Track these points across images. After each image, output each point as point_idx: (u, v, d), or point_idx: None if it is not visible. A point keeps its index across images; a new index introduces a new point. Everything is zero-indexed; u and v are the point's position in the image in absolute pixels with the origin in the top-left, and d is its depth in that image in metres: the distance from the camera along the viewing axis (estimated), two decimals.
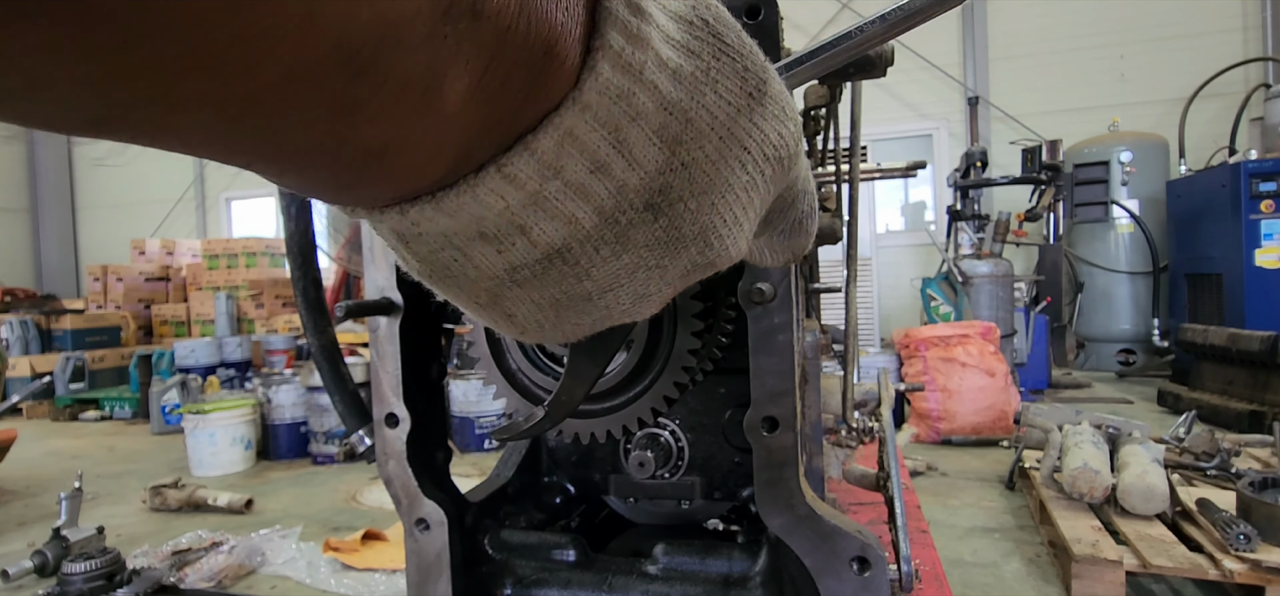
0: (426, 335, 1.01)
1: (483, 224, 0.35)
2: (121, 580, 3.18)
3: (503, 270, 0.37)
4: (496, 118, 0.31)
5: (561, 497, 1.31)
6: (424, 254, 0.37)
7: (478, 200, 0.33)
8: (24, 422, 8.19)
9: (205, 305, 10.86)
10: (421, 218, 0.34)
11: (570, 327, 0.42)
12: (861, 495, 2.36)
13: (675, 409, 1.21)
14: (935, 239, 8.90)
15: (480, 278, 0.38)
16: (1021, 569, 3.36)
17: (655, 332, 0.96)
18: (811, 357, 1.24)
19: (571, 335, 0.43)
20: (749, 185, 0.39)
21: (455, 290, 0.39)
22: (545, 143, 0.32)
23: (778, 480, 0.81)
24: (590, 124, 0.33)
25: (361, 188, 0.33)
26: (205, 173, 14.15)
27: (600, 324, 0.42)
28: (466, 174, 0.33)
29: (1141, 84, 9.41)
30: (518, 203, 0.34)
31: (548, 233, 0.35)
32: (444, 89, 0.28)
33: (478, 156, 0.33)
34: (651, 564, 1.03)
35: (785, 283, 0.78)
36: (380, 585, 3.38)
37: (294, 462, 5.97)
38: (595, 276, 0.38)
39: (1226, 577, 2.78)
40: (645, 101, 0.34)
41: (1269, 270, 6.57)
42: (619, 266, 0.38)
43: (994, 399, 5.56)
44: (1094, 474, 3.36)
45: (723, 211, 0.39)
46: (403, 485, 0.96)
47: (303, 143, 0.27)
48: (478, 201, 0.33)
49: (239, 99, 0.23)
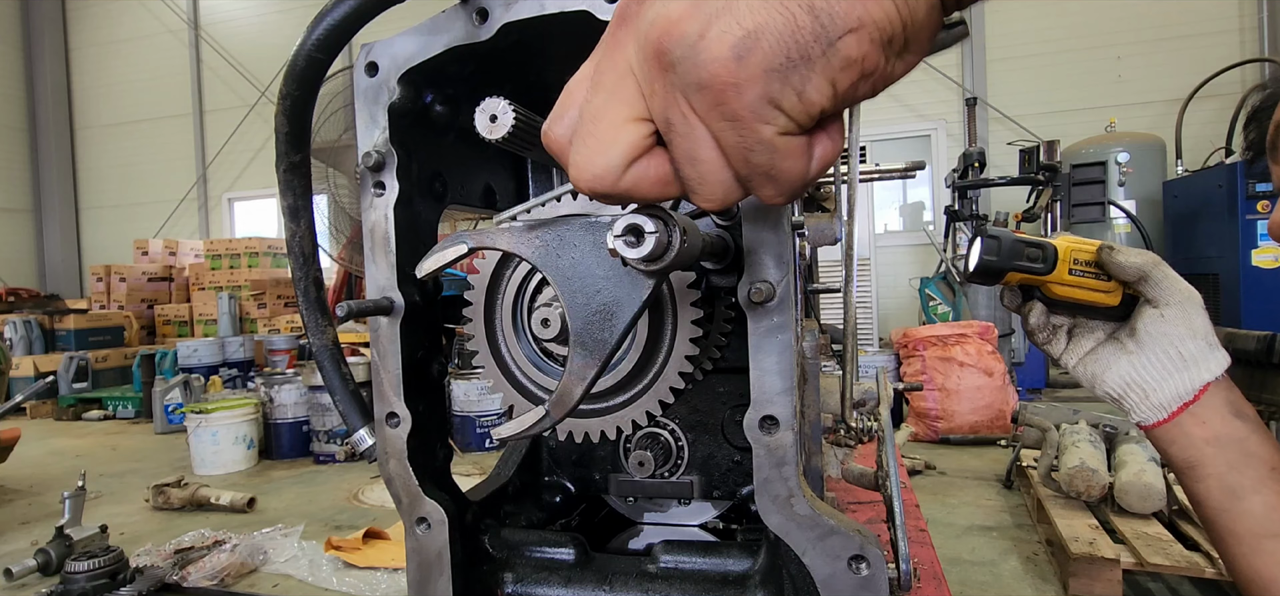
0: (427, 335, 1.02)
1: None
2: (124, 578, 3.19)
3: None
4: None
5: (562, 497, 1.32)
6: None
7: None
8: (27, 422, 8.20)
9: (208, 305, 10.88)
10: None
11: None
12: (860, 494, 2.36)
13: (675, 408, 1.22)
14: (933, 239, 8.91)
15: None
16: (1019, 567, 3.37)
17: (655, 332, 0.97)
18: (811, 357, 1.25)
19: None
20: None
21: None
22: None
23: (777, 479, 0.82)
24: None
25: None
26: (208, 173, 14.17)
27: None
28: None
29: (1138, 85, 9.42)
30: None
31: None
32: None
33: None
34: (651, 563, 1.04)
35: (785, 282, 0.79)
36: (382, 583, 3.40)
37: (296, 461, 5.98)
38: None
39: (1223, 575, 2.79)
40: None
41: (1266, 270, 6.58)
42: None
43: (992, 398, 5.57)
44: (1091, 472, 3.37)
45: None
46: (403, 484, 0.97)
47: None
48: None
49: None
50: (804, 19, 0.39)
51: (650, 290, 0.68)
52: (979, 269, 1.07)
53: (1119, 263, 1.03)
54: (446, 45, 0.88)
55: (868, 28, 0.40)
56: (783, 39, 0.40)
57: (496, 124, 0.67)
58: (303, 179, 1.07)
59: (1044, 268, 1.05)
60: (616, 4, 0.46)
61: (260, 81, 13.33)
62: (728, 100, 0.41)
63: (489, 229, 0.72)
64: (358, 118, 0.93)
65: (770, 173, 0.44)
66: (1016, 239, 1.06)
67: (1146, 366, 1.01)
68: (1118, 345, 1.05)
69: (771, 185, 0.45)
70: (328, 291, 3.09)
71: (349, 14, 0.94)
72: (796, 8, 0.39)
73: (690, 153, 0.44)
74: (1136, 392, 1.02)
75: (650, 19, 0.42)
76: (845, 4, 0.39)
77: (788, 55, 0.40)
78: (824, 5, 0.39)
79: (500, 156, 1.25)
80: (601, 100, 0.46)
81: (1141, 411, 1.02)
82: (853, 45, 0.40)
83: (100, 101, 14.90)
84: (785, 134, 0.43)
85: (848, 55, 0.40)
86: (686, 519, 1.29)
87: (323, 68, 0.99)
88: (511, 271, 1.02)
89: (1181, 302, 1.01)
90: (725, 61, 0.40)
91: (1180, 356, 0.99)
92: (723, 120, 0.42)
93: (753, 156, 0.43)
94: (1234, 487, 0.98)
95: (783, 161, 0.44)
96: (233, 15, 14.04)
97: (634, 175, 0.47)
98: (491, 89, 0.72)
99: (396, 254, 0.93)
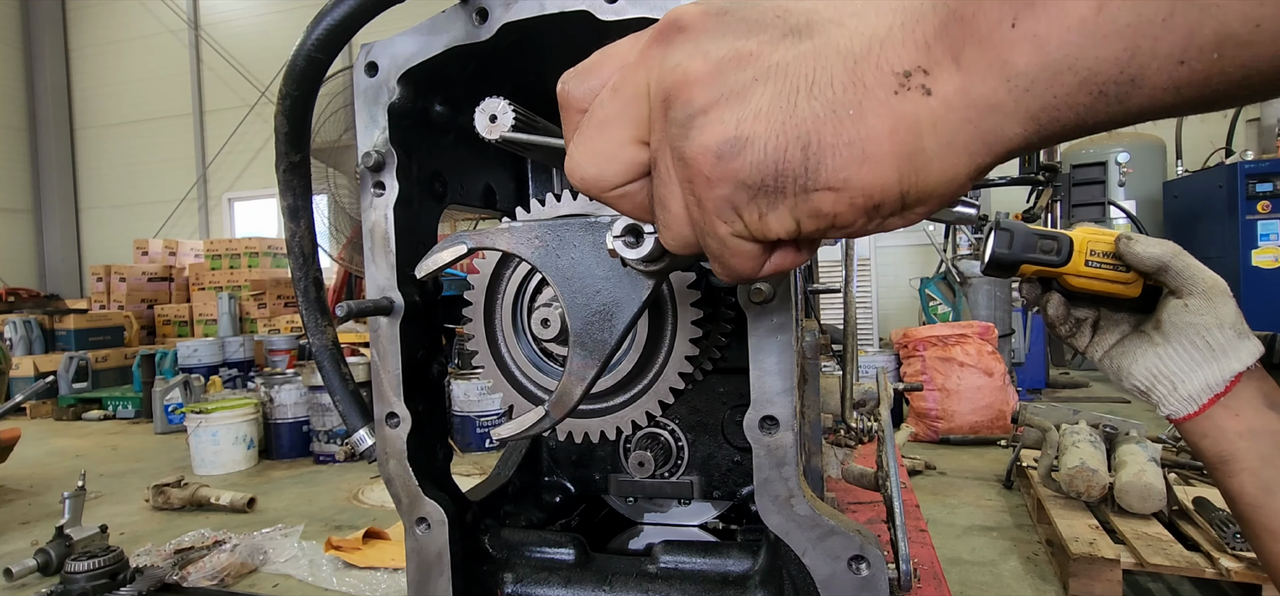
0: (427, 335, 1.02)
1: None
2: (124, 578, 3.19)
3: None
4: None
5: (562, 497, 1.32)
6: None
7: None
8: (27, 422, 8.20)
9: (208, 305, 10.89)
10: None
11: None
12: (860, 494, 2.36)
13: (675, 408, 1.22)
14: (933, 240, 8.91)
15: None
16: (1019, 567, 3.37)
17: (655, 332, 0.97)
18: (811, 357, 1.25)
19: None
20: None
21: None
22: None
23: (777, 479, 0.82)
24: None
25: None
26: (208, 173, 14.17)
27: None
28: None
29: None
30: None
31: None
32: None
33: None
34: (651, 563, 1.04)
35: (785, 283, 0.79)
36: (381, 583, 3.40)
37: (296, 462, 5.98)
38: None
39: (1223, 575, 2.79)
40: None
41: (1266, 270, 6.58)
42: None
43: (992, 398, 5.57)
44: (1091, 473, 3.37)
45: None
46: (403, 484, 0.97)
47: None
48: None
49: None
50: (794, 153, 0.39)
51: (650, 290, 0.68)
52: (992, 262, 1.06)
53: (1137, 253, 1.00)
54: (446, 45, 0.88)
55: (851, 192, 0.39)
56: (765, 161, 0.40)
57: (496, 124, 0.67)
58: (303, 179, 1.07)
59: (1058, 259, 1.04)
60: (665, 13, 0.46)
61: (260, 81, 13.33)
62: (697, 185, 0.42)
63: (489, 229, 0.72)
64: (358, 118, 0.93)
65: (718, 257, 0.46)
66: (1030, 231, 1.04)
67: (1173, 358, 0.98)
68: (1143, 337, 1.02)
69: (718, 264, 0.46)
70: (328, 291, 3.09)
71: (349, 14, 0.94)
72: (792, 138, 0.39)
73: (663, 197, 0.46)
74: (1165, 385, 0.99)
75: (674, 63, 0.43)
76: (838, 159, 0.39)
77: (763, 179, 0.40)
78: (817, 148, 0.39)
79: (500, 156, 1.25)
80: (614, 109, 0.47)
81: (1170, 404, 0.99)
82: (827, 202, 0.40)
83: (100, 101, 14.90)
84: (738, 237, 0.44)
85: (819, 208, 0.40)
86: (686, 519, 1.29)
87: (323, 68, 0.99)
88: (511, 271, 1.02)
89: (1206, 291, 0.98)
90: (706, 151, 0.41)
91: (1208, 346, 0.96)
92: (690, 194, 0.43)
93: (707, 239, 0.45)
94: (1269, 482, 0.94)
95: (731, 257, 0.45)
96: (233, 15, 14.04)
97: (620, 193, 0.48)
98: (491, 89, 0.72)
99: (396, 254, 0.93)
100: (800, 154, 0.39)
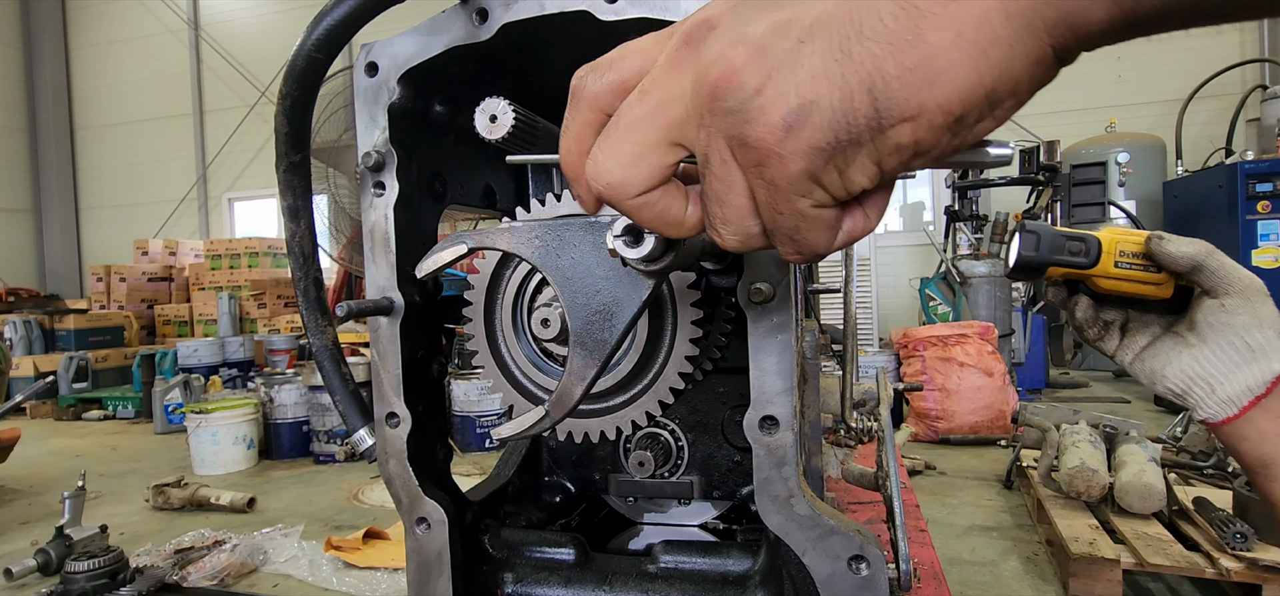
0: (427, 335, 1.02)
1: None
2: (124, 578, 3.19)
3: None
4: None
5: (562, 497, 1.32)
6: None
7: None
8: (27, 422, 8.20)
9: (208, 305, 10.89)
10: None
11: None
12: (860, 494, 2.37)
13: (675, 408, 1.22)
14: (933, 239, 8.91)
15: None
16: (1019, 567, 3.37)
17: (655, 332, 0.97)
18: (811, 357, 1.25)
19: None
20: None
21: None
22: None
23: (777, 479, 0.82)
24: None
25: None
26: (208, 173, 14.17)
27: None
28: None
29: (1138, 85, 9.42)
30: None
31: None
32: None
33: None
34: (651, 563, 1.04)
35: (785, 282, 0.79)
36: (382, 583, 3.40)
37: (296, 461, 5.98)
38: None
39: (1223, 576, 2.79)
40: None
41: (1266, 270, 6.58)
42: None
43: (992, 398, 5.57)
44: (1091, 473, 3.37)
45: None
46: (403, 484, 0.97)
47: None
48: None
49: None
50: (861, 101, 0.38)
51: (650, 290, 0.68)
52: (1018, 265, 1.03)
53: (1169, 252, 0.96)
54: (446, 45, 0.89)
55: (928, 114, 0.38)
56: (835, 119, 0.38)
57: (496, 124, 0.67)
58: (303, 179, 1.07)
59: (1087, 261, 1.01)
60: (688, 17, 0.45)
61: (260, 81, 13.33)
62: (769, 165, 0.41)
63: (489, 229, 0.72)
64: (358, 118, 0.93)
65: (793, 236, 0.44)
66: (1057, 232, 1.02)
67: (1211, 359, 0.95)
68: (1177, 339, 0.99)
69: (791, 245, 0.45)
70: (328, 291, 3.09)
71: (349, 14, 0.94)
72: (856, 86, 0.38)
73: (721, 194, 0.44)
74: (1202, 388, 0.96)
75: (714, 56, 0.41)
76: (907, 87, 0.37)
77: (836, 137, 0.39)
78: (884, 86, 0.37)
79: (500, 156, 1.25)
80: (644, 111, 0.45)
81: (1208, 407, 0.96)
82: (907, 133, 0.38)
83: (100, 101, 14.90)
84: (819, 206, 0.42)
85: (899, 142, 0.39)
86: (686, 519, 1.29)
87: (323, 68, 0.99)
88: (511, 271, 1.03)
89: (1243, 290, 0.95)
90: (774, 128, 0.39)
91: (1248, 347, 0.93)
92: (760, 179, 0.42)
93: (780, 219, 0.43)
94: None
95: (809, 231, 0.44)
96: (233, 15, 14.04)
97: (642, 201, 0.47)
98: (491, 89, 0.72)
99: (396, 254, 0.93)
100: (867, 99, 0.38)
